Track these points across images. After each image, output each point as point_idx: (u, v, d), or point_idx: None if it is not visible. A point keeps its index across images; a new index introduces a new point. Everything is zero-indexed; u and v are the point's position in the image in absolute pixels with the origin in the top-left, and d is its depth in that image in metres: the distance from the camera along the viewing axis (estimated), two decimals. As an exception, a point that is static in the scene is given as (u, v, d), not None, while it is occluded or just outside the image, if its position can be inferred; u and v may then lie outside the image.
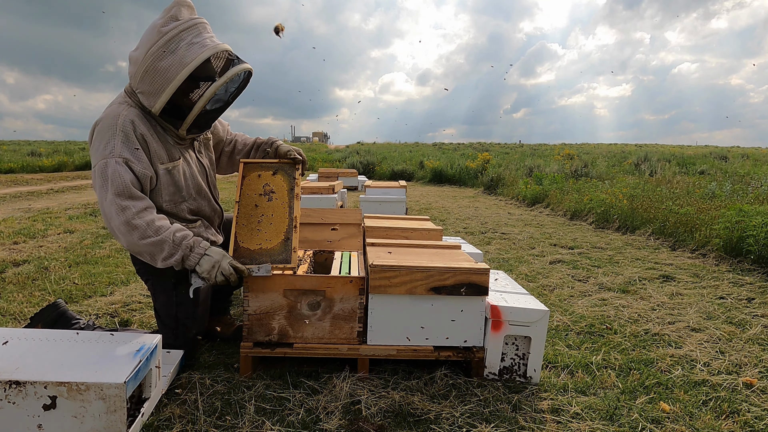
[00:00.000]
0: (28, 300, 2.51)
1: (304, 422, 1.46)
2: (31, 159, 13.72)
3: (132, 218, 1.51)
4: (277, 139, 2.04)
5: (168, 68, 1.50)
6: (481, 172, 10.84)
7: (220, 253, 1.59)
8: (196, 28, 1.54)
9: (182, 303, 1.72)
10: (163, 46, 1.49)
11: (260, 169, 1.87)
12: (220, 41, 1.60)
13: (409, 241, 2.10)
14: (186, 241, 1.57)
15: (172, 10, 1.52)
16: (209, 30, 1.60)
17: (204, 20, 1.59)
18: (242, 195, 1.80)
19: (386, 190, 5.66)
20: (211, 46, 1.54)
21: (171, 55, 1.49)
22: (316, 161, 17.12)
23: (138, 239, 1.52)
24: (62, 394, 1.23)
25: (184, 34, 1.51)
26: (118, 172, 1.51)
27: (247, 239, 1.72)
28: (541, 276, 3.22)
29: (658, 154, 15.24)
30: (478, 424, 1.47)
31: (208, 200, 1.85)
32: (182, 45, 1.50)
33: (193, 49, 1.51)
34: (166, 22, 1.51)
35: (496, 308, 1.70)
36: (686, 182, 7.14)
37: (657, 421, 1.52)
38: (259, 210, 1.78)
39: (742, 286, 3.03)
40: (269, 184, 1.84)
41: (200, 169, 1.84)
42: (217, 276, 1.56)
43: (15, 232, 4.33)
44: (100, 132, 1.56)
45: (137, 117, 1.59)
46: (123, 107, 1.60)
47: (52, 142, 34.88)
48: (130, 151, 1.54)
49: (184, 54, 1.50)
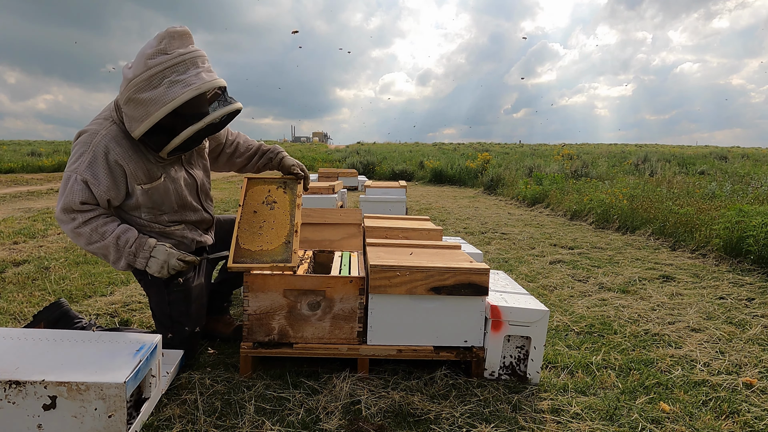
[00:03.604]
0: (28, 300, 2.51)
1: (304, 422, 1.46)
2: (31, 159, 13.72)
3: (77, 226, 1.57)
4: (282, 150, 2.04)
5: (148, 102, 1.47)
6: (481, 172, 10.84)
7: (165, 253, 1.62)
8: (184, 64, 1.48)
9: (175, 301, 1.74)
10: (146, 80, 1.45)
11: (264, 184, 1.94)
12: (210, 76, 1.53)
13: (409, 241, 2.10)
14: (128, 247, 1.60)
15: (163, 41, 1.46)
16: (201, 63, 1.52)
17: (196, 52, 1.51)
18: (245, 205, 1.85)
19: (386, 190, 5.66)
20: (194, 87, 1.48)
21: (152, 90, 1.46)
22: (316, 161, 17.10)
23: (85, 244, 1.60)
24: (62, 394, 1.23)
25: (168, 71, 1.46)
26: (74, 190, 1.55)
27: (248, 242, 1.74)
28: (541, 276, 3.22)
29: (658, 155, 15.25)
30: (478, 424, 1.47)
31: (194, 211, 1.84)
32: (164, 82, 1.46)
33: (174, 89, 1.46)
34: (154, 54, 1.46)
35: (496, 308, 1.70)
36: (686, 182, 7.14)
37: (657, 421, 1.52)
38: (261, 217, 1.82)
39: (742, 286, 3.03)
40: (272, 195, 1.90)
41: (189, 182, 1.81)
42: (169, 272, 1.63)
43: (15, 232, 4.32)
44: (77, 144, 1.58)
45: (115, 138, 1.58)
46: (105, 124, 1.59)
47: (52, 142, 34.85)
48: (92, 173, 1.55)
49: (165, 92, 1.46)
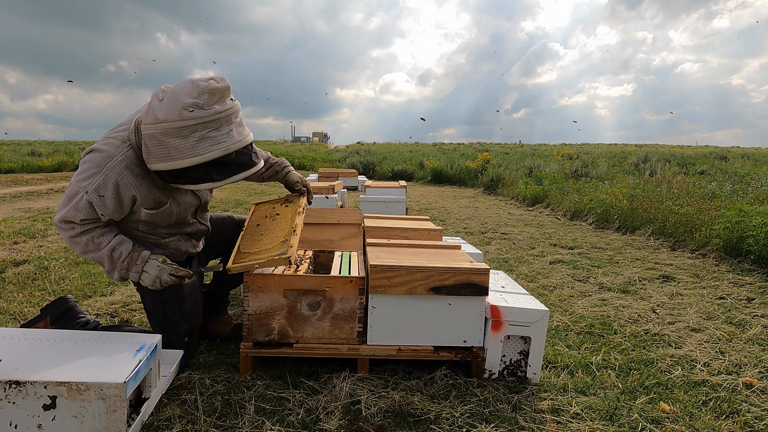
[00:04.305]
0: (28, 300, 2.51)
1: (304, 422, 1.46)
2: (31, 159, 13.72)
3: (75, 235, 1.59)
4: (288, 164, 2.04)
5: (173, 148, 1.46)
6: (481, 172, 10.84)
7: (156, 269, 1.62)
8: (218, 122, 1.47)
9: (168, 299, 1.75)
10: (177, 129, 1.44)
11: (269, 204, 2.05)
12: (241, 135, 1.53)
13: (409, 241, 2.10)
14: (121, 261, 1.61)
15: (202, 96, 1.44)
16: (234, 119, 1.52)
17: (231, 109, 1.51)
18: (249, 223, 1.94)
19: (386, 190, 5.66)
20: (223, 147, 1.48)
21: (180, 140, 1.45)
22: (316, 161, 17.10)
23: (81, 252, 1.62)
24: (62, 394, 1.23)
25: (200, 126, 1.45)
26: (78, 206, 1.54)
27: (248, 246, 1.78)
28: (541, 276, 3.22)
29: (658, 155, 15.25)
30: (478, 424, 1.47)
31: (190, 225, 1.85)
32: (195, 135, 1.45)
33: (203, 145, 1.46)
34: (191, 106, 1.44)
35: (496, 308, 1.70)
36: (686, 182, 7.15)
37: (657, 421, 1.52)
38: (263, 227, 1.89)
39: (742, 286, 3.03)
40: (275, 210, 1.98)
41: (193, 203, 1.81)
42: (162, 285, 1.63)
43: (15, 232, 4.32)
44: (90, 161, 1.56)
45: (129, 167, 1.56)
46: (122, 149, 1.57)
47: (52, 142, 34.86)
48: (98, 196, 1.54)
49: (194, 146, 1.45)
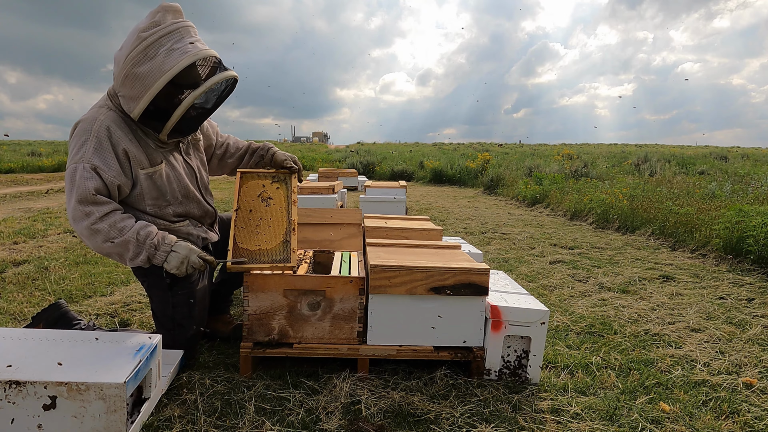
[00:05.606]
0: (28, 300, 2.51)
1: (304, 422, 1.46)
2: (31, 159, 13.73)
3: (94, 222, 1.52)
4: (272, 146, 2.02)
5: (146, 75, 1.46)
6: (481, 172, 10.85)
7: (187, 248, 1.59)
8: (178, 32, 1.48)
9: (178, 304, 1.72)
10: (142, 52, 1.45)
11: (257, 179, 1.90)
12: (204, 46, 1.54)
13: (409, 241, 2.10)
14: (150, 239, 1.56)
15: (156, 15, 1.47)
16: (193, 34, 1.54)
17: (188, 24, 1.53)
18: (240, 202, 1.82)
19: (386, 190, 5.66)
20: (192, 53, 1.48)
21: (149, 61, 1.45)
22: (316, 161, 17.10)
23: (102, 242, 1.54)
24: (62, 394, 1.23)
25: (164, 39, 1.46)
26: (84, 178, 1.50)
27: (246, 241, 1.72)
28: (541, 276, 3.22)
29: (658, 155, 15.24)
30: (478, 424, 1.47)
31: (197, 202, 1.82)
32: (161, 51, 1.45)
33: (173, 56, 1.46)
34: (148, 27, 1.46)
35: (496, 308, 1.70)
36: (686, 182, 7.14)
37: (657, 421, 1.52)
38: (257, 214, 1.79)
39: (742, 286, 3.03)
40: (267, 191, 1.87)
41: (188, 171, 1.80)
42: (188, 269, 1.60)
43: (15, 232, 4.32)
44: (76, 135, 1.55)
45: (114, 122, 1.56)
46: (102, 111, 1.57)
47: (52, 142, 34.85)
48: (100, 158, 1.52)
49: (163, 61, 1.45)
